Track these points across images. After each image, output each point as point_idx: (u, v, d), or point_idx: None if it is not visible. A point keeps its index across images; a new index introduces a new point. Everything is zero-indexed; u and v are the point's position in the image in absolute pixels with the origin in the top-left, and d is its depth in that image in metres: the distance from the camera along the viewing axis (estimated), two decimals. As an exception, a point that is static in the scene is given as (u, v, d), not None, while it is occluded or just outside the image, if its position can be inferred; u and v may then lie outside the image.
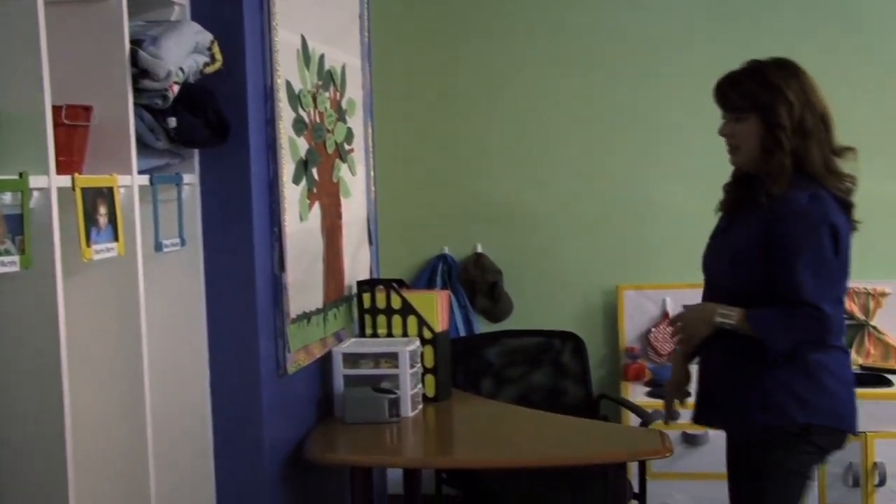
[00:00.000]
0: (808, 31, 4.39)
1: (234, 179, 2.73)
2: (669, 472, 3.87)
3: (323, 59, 3.30)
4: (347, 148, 3.56)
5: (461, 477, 3.72)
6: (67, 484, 2.01)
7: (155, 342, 2.47)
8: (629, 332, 4.42)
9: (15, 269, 1.88)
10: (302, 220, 3.07)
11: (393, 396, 3.09)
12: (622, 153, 4.45)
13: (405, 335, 3.39)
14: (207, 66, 2.53)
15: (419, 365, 3.30)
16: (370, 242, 3.84)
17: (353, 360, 3.20)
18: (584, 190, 4.46)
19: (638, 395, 4.08)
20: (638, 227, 4.44)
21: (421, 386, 3.31)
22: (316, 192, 3.20)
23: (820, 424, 2.63)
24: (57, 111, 2.06)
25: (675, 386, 2.91)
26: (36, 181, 1.95)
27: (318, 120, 3.23)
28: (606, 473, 2.81)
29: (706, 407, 2.79)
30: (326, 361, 3.25)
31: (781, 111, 2.58)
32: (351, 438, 3.02)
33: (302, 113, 3.09)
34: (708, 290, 2.81)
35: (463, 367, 3.93)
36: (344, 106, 3.53)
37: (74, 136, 2.16)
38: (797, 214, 2.55)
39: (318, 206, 3.21)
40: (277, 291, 2.89)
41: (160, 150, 2.52)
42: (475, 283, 4.53)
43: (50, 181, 1.99)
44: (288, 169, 2.96)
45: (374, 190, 3.89)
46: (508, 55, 4.58)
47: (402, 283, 3.48)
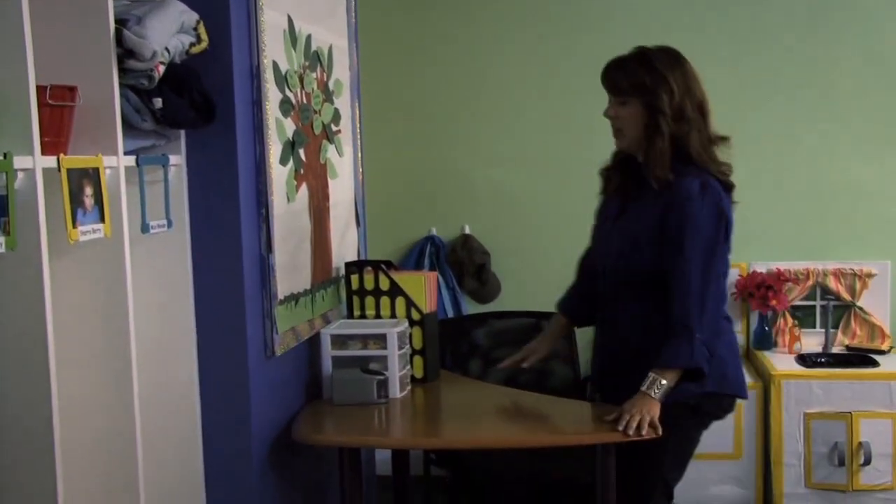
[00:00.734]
0: (807, 26, 4.42)
1: (220, 160, 2.72)
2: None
3: (310, 39, 3.28)
4: (335, 129, 3.54)
5: (449, 457, 3.73)
6: (55, 465, 2.01)
7: (142, 324, 2.46)
8: (617, 313, 4.43)
9: (0, 250, 1.86)
10: (289, 201, 3.06)
11: (381, 378, 3.09)
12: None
13: (393, 316, 3.39)
14: (193, 46, 2.52)
15: (407, 346, 3.30)
16: (358, 224, 3.83)
17: (341, 341, 3.19)
18: (572, 171, 4.45)
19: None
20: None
21: (409, 367, 3.32)
22: (303, 173, 3.18)
23: (713, 392, 2.73)
24: (42, 91, 2.04)
25: (531, 351, 3.12)
26: (21, 162, 1.93)
27: (304, 101, 3.22)
28: (595, 454, 2.83)
29: (607, 380, 2.92)
30: (314, 343, 3.24)
31: (663, 97, 2.67)
32: (339, 420, 3.02)
33: (289, 94, 3.07)
34: (602, 279, 2.88)
35: (451, 348, 3.94)
36: (331, 87, 3.52)
37: (59, 116, 2.15)
38: (691, 201, 2.65)
39: (305, 187, 3.20)
40: (265, 273, 2.88)
41: (146, 130, 2.50)
42: (463, 264, 4.53)
43: (35, 162, 1.97)
44: (275, 150, 2.95)
45: (361, 171, 3.88)
46: (497, 36, 4.57)
47: (389, 264, 3.48)
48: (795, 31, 4.44)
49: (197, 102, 2.54)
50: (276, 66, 2.97)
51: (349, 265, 3.48)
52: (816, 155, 4.49)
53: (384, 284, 3.40)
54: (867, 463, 3.95)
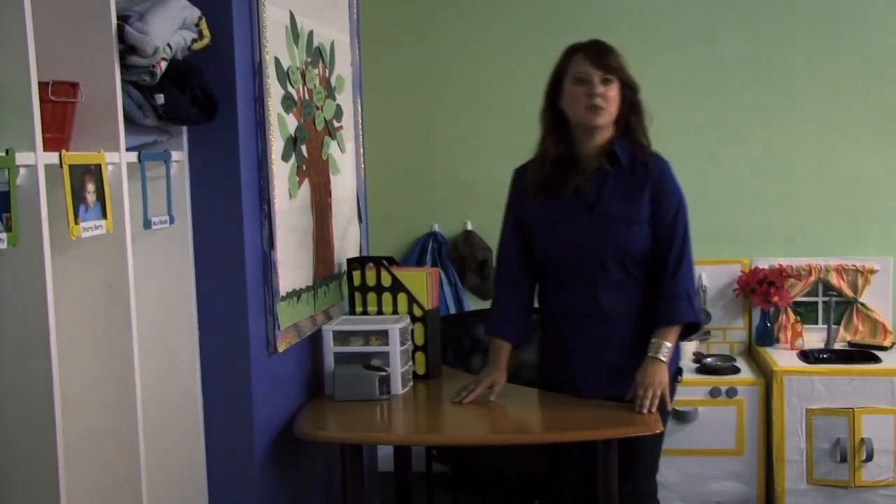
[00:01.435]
0: (809, 22, 4.42)
1: (222, 156, 2.72)
2: (658, 448, 3.89)
3: (311, 35, 3.28)
4: (336, 125, 3.54)
5: (451, 454, 3.73)
6: (57, 461, 2.01)
7: (144, 320, 2.46)
8: (619, 309, 4.42)
9: (2, 246, 1.86)
10: (291, 197, 3.06)
11: (383, 374, 3.09)
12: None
13: (395, 312, 3.39)
14: (195, 42, 2.51)
15: (409, 342, 3.30)
16: (360, 220, 3.83)
17: (343, 337, 3.19)
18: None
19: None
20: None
21: (411, 363, 3.32)
22: (305, 169, 3.18)
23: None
24: (43, 87, 2.05)
25: (493, 383, 3.06)
26: (23, 158, 1.93)
27: (306, 97, 3.22)
28: (597, 450, 2.83)
29: (591, 372, 3.00)
30: (316, 339, 3.24)
31: (634, 86, 2.93)
32: (341, 416, 3.02)
33: (291, 90, 3.07)
34: (579, 267, 2.96)
35: (453, 344, 3.93)
36: (333, 83, 3.51)
37: (62, 112, 2.15)
38: (670, 177, 2.95)
39: (307, 183, 3.20)
40: (267, 269, 2.88)
41: (148, 126, 2.50)
42: (465, 260, 4.53)
43: (37, 158, 1.98)
44: (277, 146, 2.94)
45: (363, 167, 3.88)
46: (499, 32, 4.56)
47: (391, 260, 3.48)
48: (798, 26, 4.44)
49: (199, 99, 2.54)
50: (277, 62, 2.96)
51: (351, 261, 3.48)
52: (819, 151, 4.49)
53: (386, 280, 3.40)
54: (869, 459, 3.95)
